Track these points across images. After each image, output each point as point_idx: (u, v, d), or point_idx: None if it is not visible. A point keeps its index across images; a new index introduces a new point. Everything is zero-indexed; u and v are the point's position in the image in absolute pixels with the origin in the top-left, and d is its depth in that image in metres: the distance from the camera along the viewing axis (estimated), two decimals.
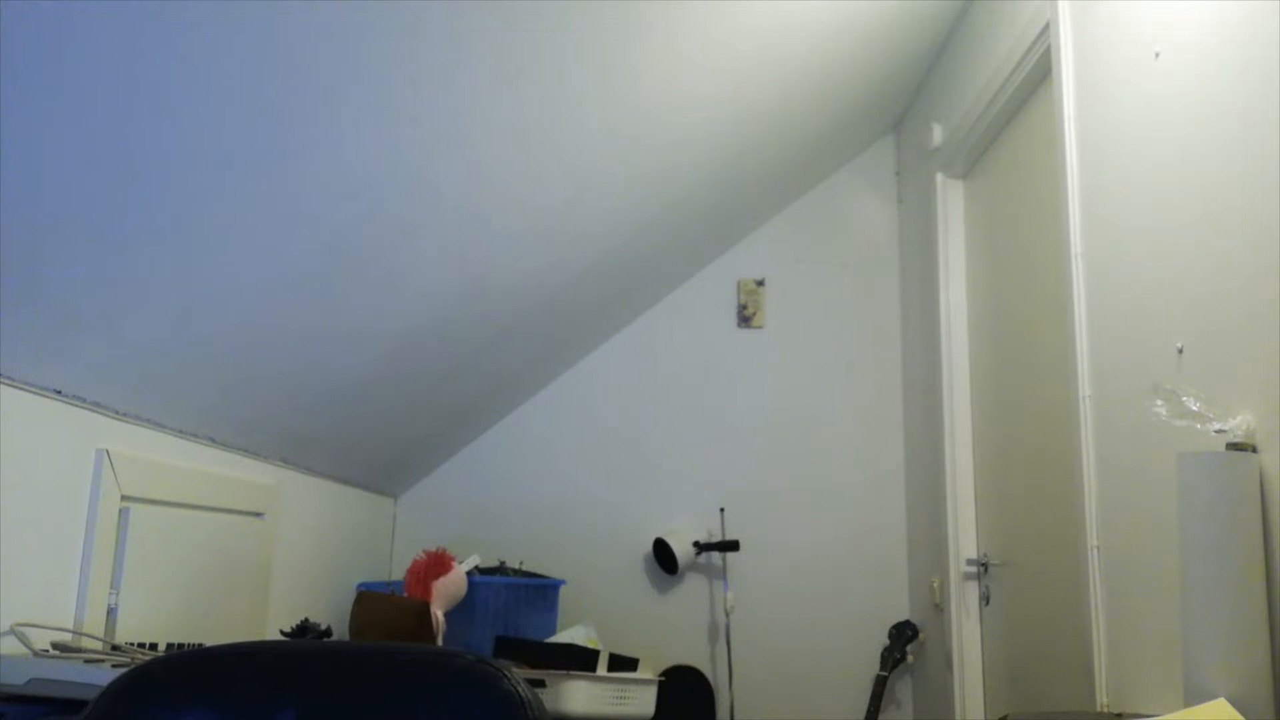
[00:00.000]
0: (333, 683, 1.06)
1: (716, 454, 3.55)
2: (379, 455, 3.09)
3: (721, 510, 3.47)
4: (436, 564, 2.62)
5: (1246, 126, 1.49)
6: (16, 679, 1.48)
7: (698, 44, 2.22)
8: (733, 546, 3.37)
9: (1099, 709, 1.88)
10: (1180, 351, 1.63)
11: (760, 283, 3.65)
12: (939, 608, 3.05)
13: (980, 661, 2.86)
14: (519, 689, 1.02)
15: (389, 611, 2.47)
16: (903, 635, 3.25)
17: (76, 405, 1.75)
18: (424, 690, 1.05)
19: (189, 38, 1.31)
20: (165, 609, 1.99)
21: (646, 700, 2.67)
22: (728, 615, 3.36)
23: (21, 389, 1.62)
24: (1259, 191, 1.45)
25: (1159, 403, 1.51)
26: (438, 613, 2.49)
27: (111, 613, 1.82)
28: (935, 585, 3.07)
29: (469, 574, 2.73)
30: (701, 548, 3.39)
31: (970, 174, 3.07)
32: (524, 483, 3.52)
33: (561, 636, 2.91)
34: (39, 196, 1.37)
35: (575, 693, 2.45)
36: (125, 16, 1.22)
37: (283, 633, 2.30)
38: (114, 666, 1.52)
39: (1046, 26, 2.23)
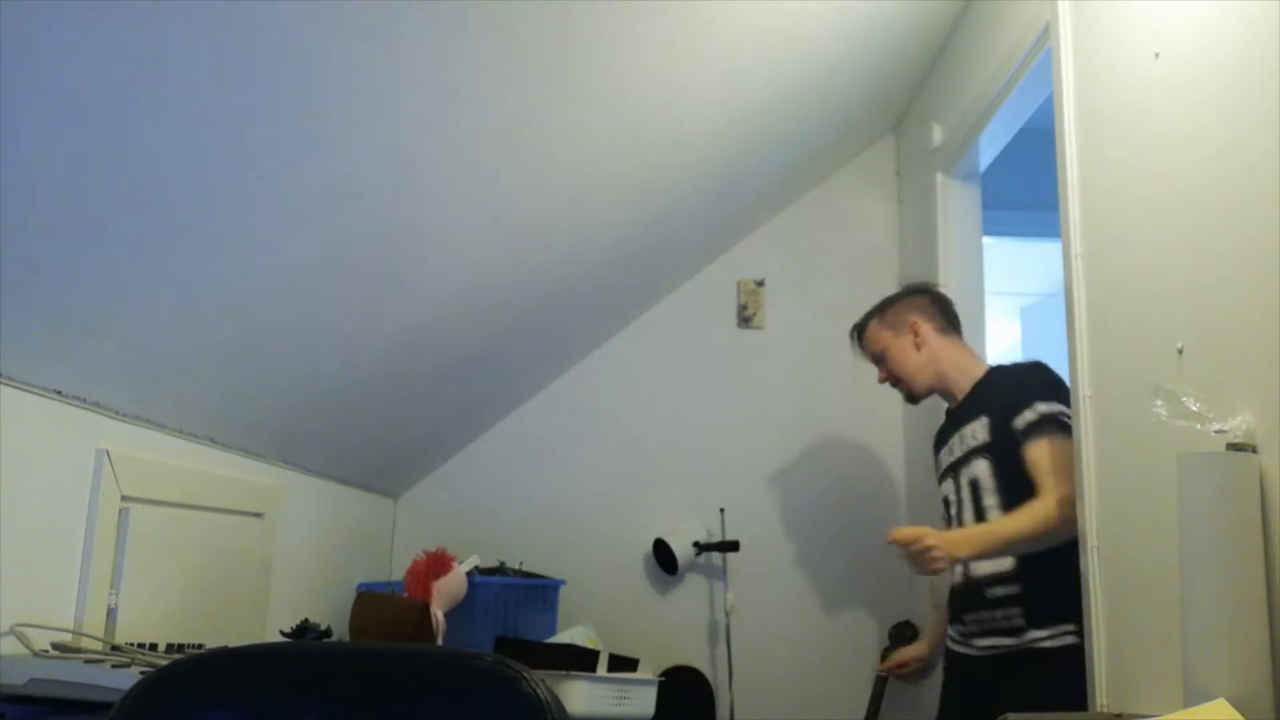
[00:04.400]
0: (353, 684, 1.07)
1: (716, 454, 3.55)
2: (379, 455, 3.09)
3: (721, 510, 3.47)
4: (436, 564, 2.62)
5: (1247, 126, 1.49)
6: (16, 679, 1.48)
7: (697, 44, 2.22)
8: (733, 547, 3.36)
9: (1099, 709, 1.88)
10: (1180, 351, 1.63)
11: (760, 283, 3.65)
12: (939, 608, 3.04)
13: None
14: (538, 691, 1.03)
15: (389, 611, 2.47)
16: (903, 635, 3.24)
17: (76, 405, 1.75)
18: (445, 692, 1.06)
19: (189, 38, 1.31)
20: (165, 609, 1.99)
21: (646, 700, 2.67)
22: (728, 615, 3.36)
23: (21, 389, 1.61)
24: (1259, 191, 1.45)
25: (1159, 403, 1.51)
26: (438, 613, 2.49)
27: (111, 613, 1.82)
28: (936, 585, 3.06)
29: (469, 574, 2.73)
30: (701, 548, 3.38)
31: (970, 174, 3.07)
32: (524, 483, 3.52)
33: (561, 636, 2.91)
34: (39, 196, 1.37)
35: (575, 693, 2.45)
36: (125, 16, 1.22)
37: (282, 633, 2.30)
38: (114, 667, 1.52)
39: (1046, 27, 2.23)
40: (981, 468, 2.28)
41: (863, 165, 3.73)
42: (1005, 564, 2.19)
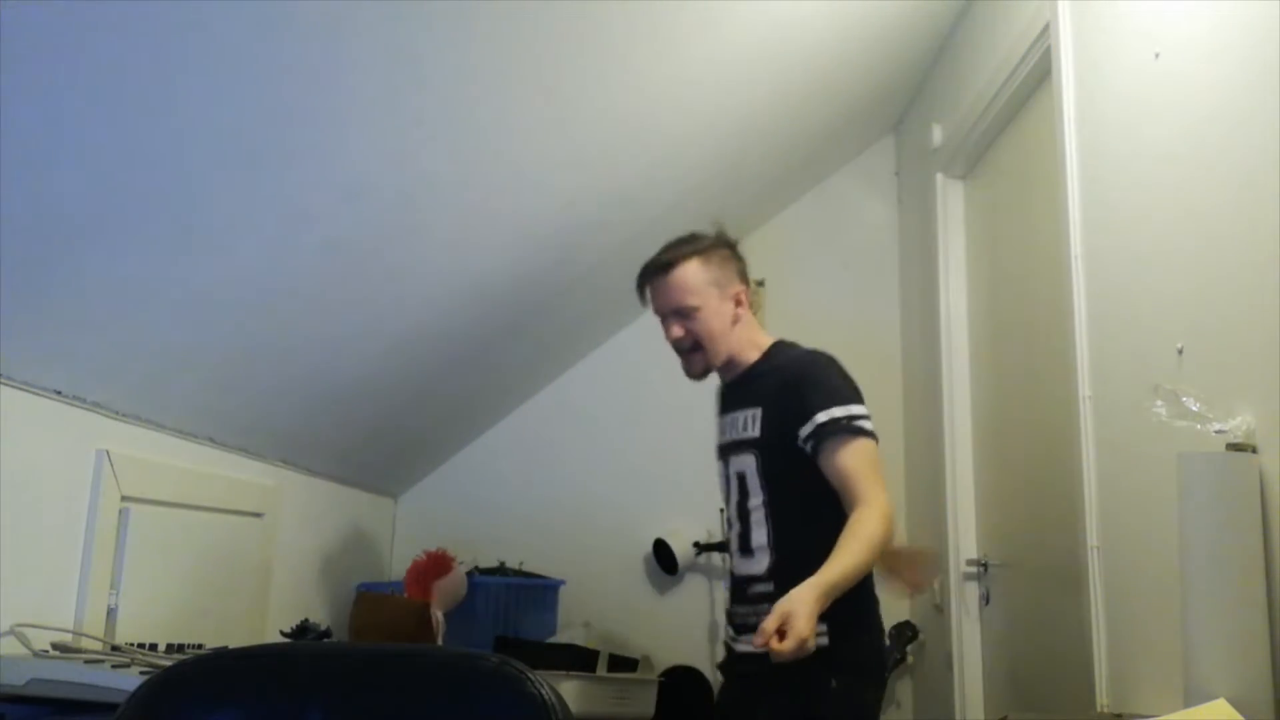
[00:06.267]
0: (358, 684, 1.07)
1: None
2: (379, 455, 3.09)
3: (721, 510, 3.46)
4: (436, 564, 2.62)
5: (1246, 126, 1.49)
6: (16, 679, 1.48)
7: (697, 45, 2.22)
8: None
9: (1099, 709, 1.88)
10: (1180, 352, 1.63)
11: (760, 283, 3.64)
12: (939, 608, 3.05)
13: (980, 662, 2.86)
14: (542, 691, 1.03)
15: (389, 612, 2.47)
16: (903, 636, 3.25)
17: (76, 405, 1.75)
18: (450, 692, 1.06)
19: (191, 38, 1.31)
20: (165, 609, 1.99)
21: (646, 700, 2.67)
22: None
23: (21, 389, 1.61)
24: (1259, 191, 1.45)
25: (1159, 403, 1.51)
26: (438, 613, 2.49)
27: (111, 613, 1.82)
28: (935, 586, 3.07)
29: (469, 574, 2.73)
30: (701, 548, 3.38)
31: (970, 174, 3.07)
32: (524, 483, 3.52)
33: (561, 636, 2.91)
34: (40, 196, 1.37)
35: (575, 693, 2.45)
36: (127, 16, 1.22)
37: (283, 633, 2.29)
38: (114, 667, 1.52)
39: (1046, 27, 2.23)
40: (748, 464, 2.07)
41: (863, 165, 3.73)
42: (762, 566, 2.03)
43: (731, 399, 2.18)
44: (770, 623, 1.68)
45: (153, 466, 1.95)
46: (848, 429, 1.99)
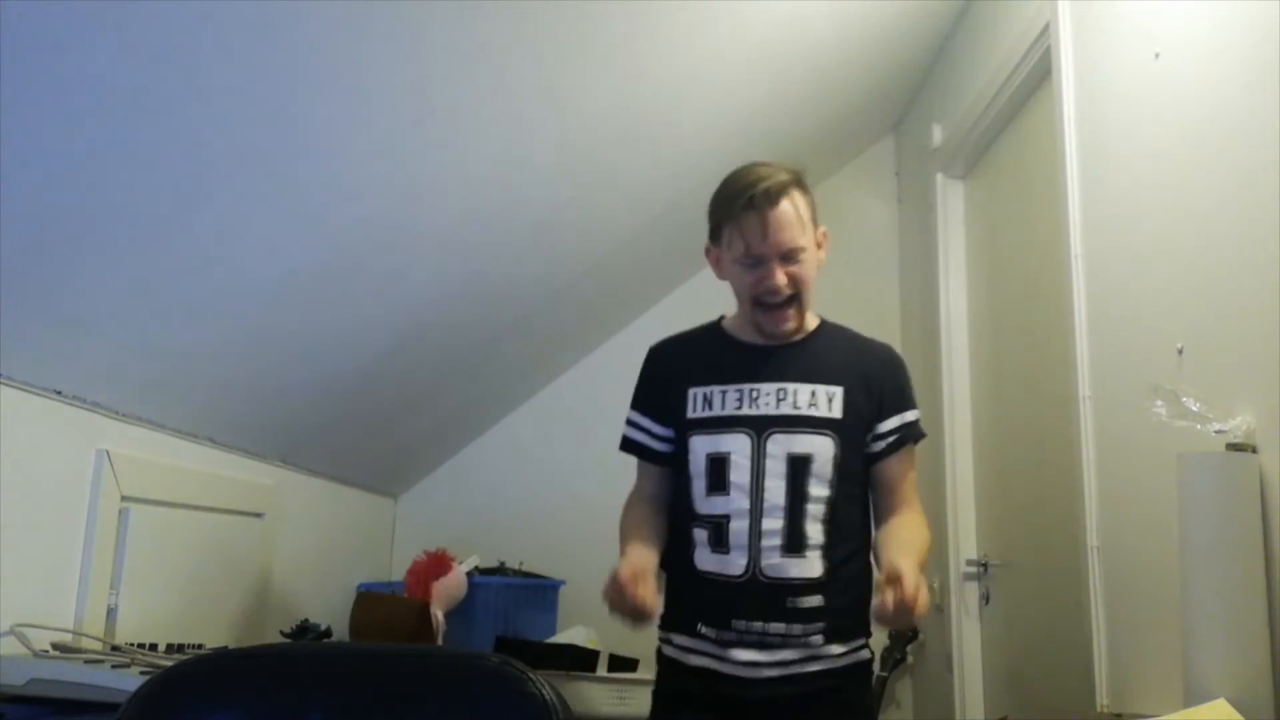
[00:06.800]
0: (358, 684, 1.08)
1: None
2: (379, 455, 3.09)
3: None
4: (436, 564, 2.62)
5: (1246, 126, 1.49)
6: (16, 679, 1.48)
7: (696, 45, 2.22)
8: None
9: (1099, 710, 1.88)
10: (1180, 352, 1.63)
11: None
12: (939, 608, 3.04)
13: (980, 662, 2.86)
14: (544, 692, 1.03)
15: (389, 612, 2.47)
16: (903, 635, 3.24)
17: (76, 405, 1.75)
18: (451, 693, 1.06)
19: (191, 39, 1.31)
20: (165, 609, 1.99)
21: (646, 701, 2.66)
22: None
23: (21, 389, 1.62)
24: (1258, 191, 1.45)
25: (1159, 403, 1.51)
26: (438, 613, 2.49)
27: (111, 613, 1.82)
28: (935, 586, 3.07)
29: (469, 574, 2.73)
30: None
31: (970, 174, 3.07)
32: (524, 483, 3.51)
33: (561, 637, 2.91)
34: (40, 196, 1.37)
35: (575, 693, 2.45)
36: (127, 17, 1.22)
37: (283, 633, 2.29)
38: (114, 667, 1.52)
39: (1046, 27, 2.23)
40: (820, 447, 1.74)
41: (863, 165, 3.72)
42: (815, 569, 1.71)
43: (774, 365, 1.82)
44: (909, 587, 1.48)
45: (153, 466, 1.95)
46: (921, 434, 1.88)
